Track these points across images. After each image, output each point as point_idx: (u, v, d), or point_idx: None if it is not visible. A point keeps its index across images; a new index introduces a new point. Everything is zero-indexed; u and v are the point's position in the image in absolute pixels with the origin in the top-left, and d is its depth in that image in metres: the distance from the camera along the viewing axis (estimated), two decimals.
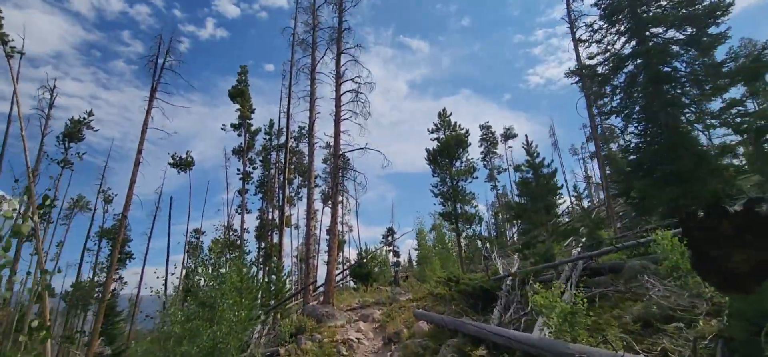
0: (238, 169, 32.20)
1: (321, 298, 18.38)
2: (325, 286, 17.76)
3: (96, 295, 27.44)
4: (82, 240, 32.20)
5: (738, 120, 11.30)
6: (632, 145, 12.70)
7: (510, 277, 10.15)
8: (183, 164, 34.12)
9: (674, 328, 5.79)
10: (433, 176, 19.21)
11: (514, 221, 45.40)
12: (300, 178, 39.55)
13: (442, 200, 18.91)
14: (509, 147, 55.18)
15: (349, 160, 27.52)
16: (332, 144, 18.69)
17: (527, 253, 10.54)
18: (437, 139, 19.61)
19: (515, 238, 41.09)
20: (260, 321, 14.81)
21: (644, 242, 8.18)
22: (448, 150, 18.27)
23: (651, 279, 7.03)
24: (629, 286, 8.12)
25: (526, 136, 12.31)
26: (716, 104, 12.01)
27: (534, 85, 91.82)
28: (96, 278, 30.48)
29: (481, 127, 45.34)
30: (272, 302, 17.65)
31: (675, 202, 10.45)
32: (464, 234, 19.75)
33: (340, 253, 46.69)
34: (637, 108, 12.11)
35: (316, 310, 14.29)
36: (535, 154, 12.05)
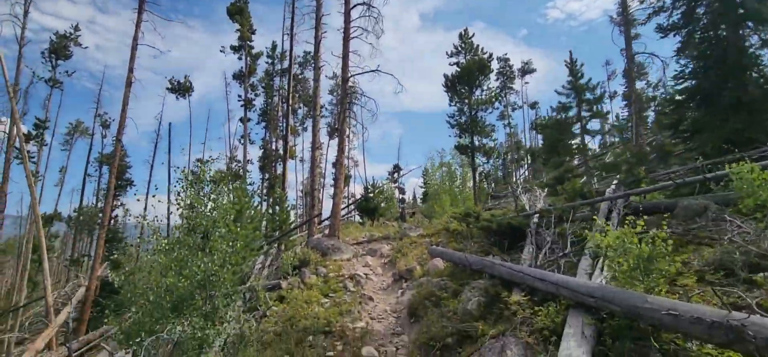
0: (240, 96, 30.56)
1: (326, 231, 17.60)
2: (331, 218, 16.90)
3: (98, 220, 27.14)
4: (84, 165, 31.55)
5: None
6: (689, 70, 10.95)
7: (538, 214, 8.97)
8: (181, 89, 32.46)
9: (764, 278, 4.62)
10: (451, 105, 17.60)
11: (527, 160, 44.01)
12: (305, 109, 37.85)
13: (458, 132, 17.42)
14: (526, 83, 52.51)
15: (357, 84, 25.66)
16: (340, 68, 16.96)
17: (560, 188, 9.33)
18: (457, 63, 17.70)
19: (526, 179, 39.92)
20: (262, 252, 14.10)
21: (713, 177, 6.83)
22: (468, 75, 16.47)
23: (733, 219, 5.76)
24: (689, 227, 6.91)
25: (569, 52, 10.68)
26: None
27: (553, 20, 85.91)
28: (99, 204, 30.12)
29: (499, 59, 42.57)
30: (276, 233, 16.91)
31: (741, 134, 8.95)
32: (480, 169, 18.49)
33: (346, 188, 46.14)
34: (702, 23, 10.23)
35: (321, 243, 13.44)
36: (580, 74, 10.39)
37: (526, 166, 46.74)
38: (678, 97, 10.72)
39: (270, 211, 22.60)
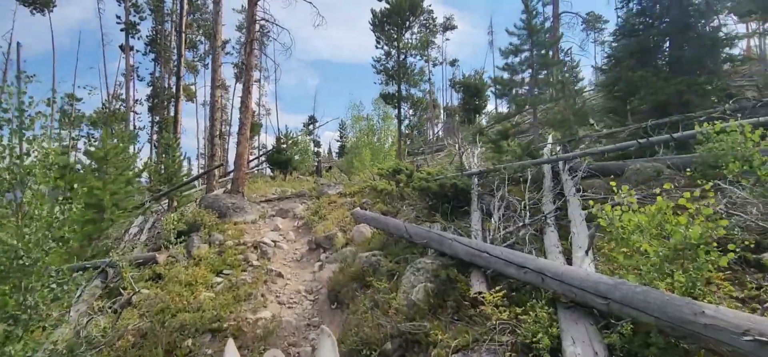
0: (119, 17, 24.83)
1: (228, 186, 14.92)
2: (235, 171, 14.24)
3: None
4: None
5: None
6: (628, 27, 10.39)
7: (479, 175, 7.74)
8: (38, 2, 25.39)
9: None
10: (377, 47, 15.59)
11: (442, 118, 44.25)
12: (207, 43, 32.66)
13: (384, 78, 15.61)
14: (447, 39, 52.06)
15: (268, 13, 21.91)
16: None
17: (505, 145, 8.24)
18: None
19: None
20: (142, 211, 11.16)
21: (680, 137, 6.05)
22: (398, 13, 14.52)
23: (720, 185, 4.93)
24: (652, 192, 6.11)
25: None
26: None
27: None
28: None
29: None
30: (163, 188, 13.80)
31: (680, 97, 8.55)
32: (406, 122, 17.04)
33: (256, 137, 42.22)
34: None
35: (219, 201, 10.96)
36: (534, 13, 9.11)
37: (439, 124, 47.04)
38: (618, 54, 10.17)
39: (158, 161, 18.86)
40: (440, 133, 45.12)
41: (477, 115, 42.83)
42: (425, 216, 7.14)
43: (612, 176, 7.28)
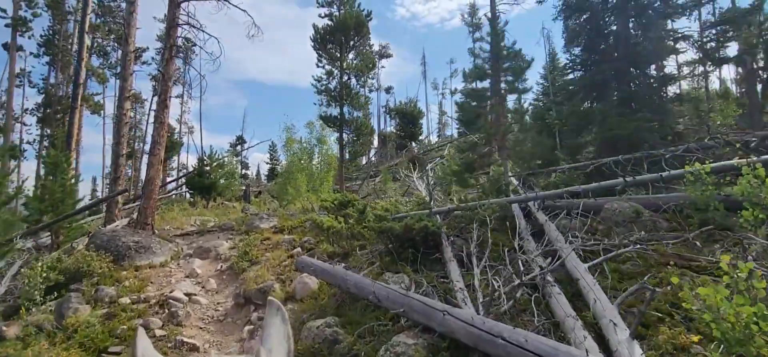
0: (4, 11, 20.80)
1: (135, 215, 12.35)
2: (143, 199, 11.82)
3: None
4: None
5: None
6: (579, 60, 10.30)
7: (450, 212, 6.70)
8: None
9: None
10: (318, 66, 14.23)
11: (375, 145, 43.82)
12: (120, 51, 28.81)
13: (326, 99, 14.24)
14: (382, 67, 52.40)
15: (194, 18, 19.48)
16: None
17: (471, 179, 7.33)
18: (329, 15, 14.33)
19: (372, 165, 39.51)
20: (5, 251, 8.47)
21: (668, 177, 5.52)
22: (343, 31, 13.37)
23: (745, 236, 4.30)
24: (649, 239, 5.41)
25: (491, 3, 8.79)
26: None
27: (400, 16, 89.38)
28: None
29: None
30: (46, 219, 10.95)
31: (637, 135, 8.35)
32: (349, 148, 15.67)
33: (176, 158, 38.18)
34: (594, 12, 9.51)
35: (117, 238, 8.68)
36: (501, 34, 8.41)
37: (372, 151, 46.62)
38: (570, 87, 10.01)
39: (43, 182, 15.37)
40: (374, 158, 44.51)
41: (412, 142, 42.98)
42: (386, 264, 5.85)
43: (591, 214, 6.68)
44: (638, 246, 4.75)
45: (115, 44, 29.80)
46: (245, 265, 7.39)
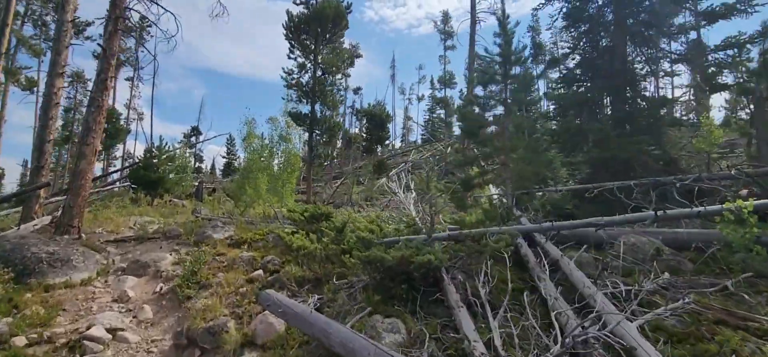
0: None
1: (58, 214, 10.37)
2: (70, 196, 9.93)
3: None
4: None
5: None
6: (571, 76, 9.66)
7: (446, 239, 5.65)
8: None
9: None
10: (290, 57, 12.76)
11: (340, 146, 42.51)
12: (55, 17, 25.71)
13: (297, 94, 12.79)
14: (351, 66, 51.20)
15: None
16: None
17: (469, 201, 6.35)
18: (306, 3, 12.87)
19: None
20: None
21: (705, 212, 4.78)
22: (320, 22, 12.02)
23: None
24: (687, 290, 4.61)
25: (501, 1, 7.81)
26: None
27: (368, 19, 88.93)
28: None
29: None
30: None
31: (635, 159, 7.72)
32: (318, 149, 14.26)
33: (122, 145, 34.96)
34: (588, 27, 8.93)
35: (25, 246, 6.90)
36: (511, 31, 7.48)
37: (335, 152, 45.47)
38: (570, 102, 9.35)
39: None
40: (336, 160, 43.12)
41: (380, 146, 41.98)
42: (374, 303, 4.69)
43: (603, 247, 5.91)
44: (686, 301, 3.90)
45: (55, 14, 26.69)
46: (191, 292, 5.95)
